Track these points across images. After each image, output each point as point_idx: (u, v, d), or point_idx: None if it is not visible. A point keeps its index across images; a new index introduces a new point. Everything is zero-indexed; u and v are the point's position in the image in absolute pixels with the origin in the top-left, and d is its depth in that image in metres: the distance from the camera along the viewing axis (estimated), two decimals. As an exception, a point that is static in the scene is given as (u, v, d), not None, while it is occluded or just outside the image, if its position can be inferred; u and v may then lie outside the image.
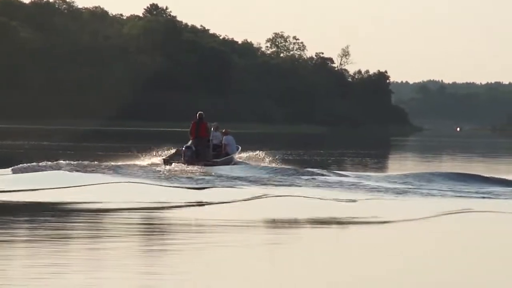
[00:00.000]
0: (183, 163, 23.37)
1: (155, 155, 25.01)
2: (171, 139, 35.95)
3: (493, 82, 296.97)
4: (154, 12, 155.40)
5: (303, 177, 20.61)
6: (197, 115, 25.40)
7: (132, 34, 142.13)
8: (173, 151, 24.87)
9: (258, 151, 27.32)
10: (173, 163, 23.51)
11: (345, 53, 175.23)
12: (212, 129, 25.75)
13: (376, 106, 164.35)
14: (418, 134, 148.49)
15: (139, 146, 30.22)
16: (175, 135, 45.64)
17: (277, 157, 26.59)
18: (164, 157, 24.38)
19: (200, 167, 22.65)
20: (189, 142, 24.47)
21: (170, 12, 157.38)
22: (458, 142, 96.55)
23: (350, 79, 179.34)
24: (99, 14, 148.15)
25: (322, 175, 21.38)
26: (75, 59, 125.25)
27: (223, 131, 26.06)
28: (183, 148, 24.05)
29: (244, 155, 26.84)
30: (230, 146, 25.33)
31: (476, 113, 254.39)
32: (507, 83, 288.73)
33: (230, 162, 24.67)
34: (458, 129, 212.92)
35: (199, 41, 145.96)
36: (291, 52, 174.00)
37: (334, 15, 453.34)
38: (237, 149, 26.05)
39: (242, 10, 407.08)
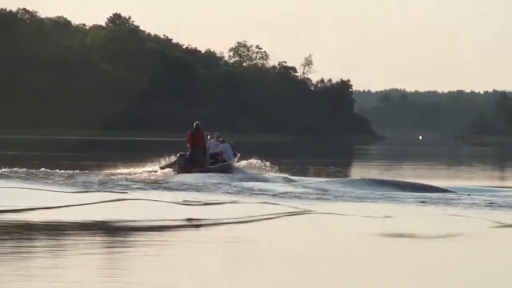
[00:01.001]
0: (178, 170, 24.89)
1: (155, 163, 26.44)
2: (142, 148, 36.10)
3: (455, 90, 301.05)
4: (117, 22, 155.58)
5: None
6: (194, 125, 26.64)
7: (95, 43, 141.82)
8: (173, 158, 26.12)
9: (253, 159, 27.95)
10: (167, 169, 25.22)
11: (308, 62, 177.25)
12: (209, 138, 26.80)
13: (339, 115, 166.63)
14: (380, 142, 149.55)
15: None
16: (143, 144, 45.73)
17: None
18: (161, 165, 25.97)
19: (192, 173, 23.96)
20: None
21: (133, 21, 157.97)
22: (418, 150, 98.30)
23: (312, 88, 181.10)
24: (62, 24, 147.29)
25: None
26: (37, 68, 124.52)
27: (220, 139, 26.96)
28: (178, 156, 25.53)
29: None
30: (226, 153, 26.21)
31: (439, 122, 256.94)
32: (469, 91, 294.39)
33: (227, 169, 25.36)
34: (420, 137, 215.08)
35: (162, 50, 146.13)
36: (254, 61, 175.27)
37: (297, 24, 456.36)
38: (236, 156, 27.01)
39: (205, 19, 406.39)
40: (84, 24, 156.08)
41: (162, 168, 25.62)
